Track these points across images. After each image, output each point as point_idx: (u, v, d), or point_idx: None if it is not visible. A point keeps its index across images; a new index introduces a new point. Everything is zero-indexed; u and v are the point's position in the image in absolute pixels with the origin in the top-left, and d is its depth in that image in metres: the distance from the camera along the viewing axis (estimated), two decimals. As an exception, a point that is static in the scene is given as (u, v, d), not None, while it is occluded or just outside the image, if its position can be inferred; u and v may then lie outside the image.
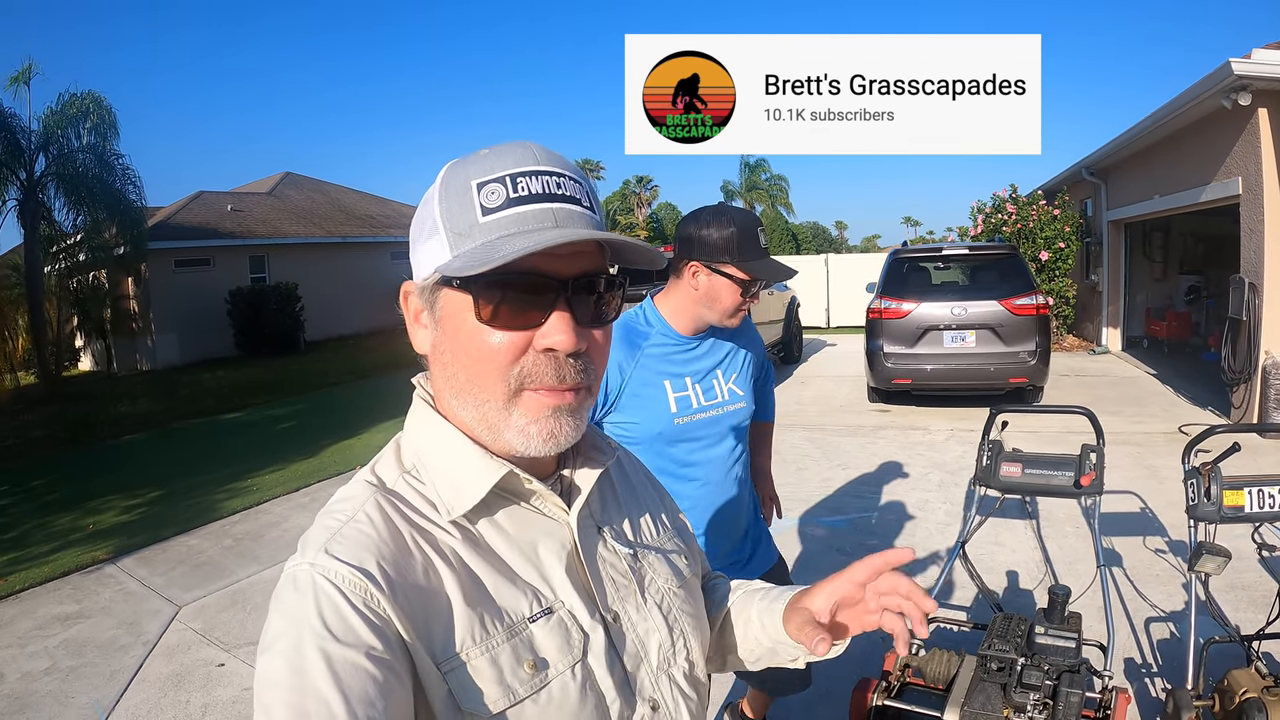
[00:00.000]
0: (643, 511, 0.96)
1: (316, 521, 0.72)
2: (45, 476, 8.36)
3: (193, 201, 21.43)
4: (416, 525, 0.73)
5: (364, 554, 0.67)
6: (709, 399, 1.96)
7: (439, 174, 0.76)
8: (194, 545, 5.58)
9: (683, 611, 0.89)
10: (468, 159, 0.74)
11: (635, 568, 0.86)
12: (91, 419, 11.82)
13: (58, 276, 17.37)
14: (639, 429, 1.91)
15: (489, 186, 0.71)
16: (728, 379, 2.01)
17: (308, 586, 0.65)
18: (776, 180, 50.19)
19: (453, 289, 0.72)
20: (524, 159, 0.72)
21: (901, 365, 8.17)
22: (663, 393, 1.91)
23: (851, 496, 5.59)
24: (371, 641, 0.63)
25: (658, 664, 0.83)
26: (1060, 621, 2.26)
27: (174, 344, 18.89)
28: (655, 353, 1.92)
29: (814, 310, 17.95)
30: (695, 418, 1.94)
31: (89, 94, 15.55)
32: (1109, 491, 4.98)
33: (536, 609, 0.74)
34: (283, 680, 0.60)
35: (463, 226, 0.71)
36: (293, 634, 0.62)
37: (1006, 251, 8.49)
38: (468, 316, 0.71)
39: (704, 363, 1.98)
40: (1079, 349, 12.44)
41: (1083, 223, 13.10)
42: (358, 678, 0.60)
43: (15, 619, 4.51)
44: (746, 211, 1.93)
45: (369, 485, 0.75)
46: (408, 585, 0.68)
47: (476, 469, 0.75)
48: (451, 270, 0.70)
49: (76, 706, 3.48)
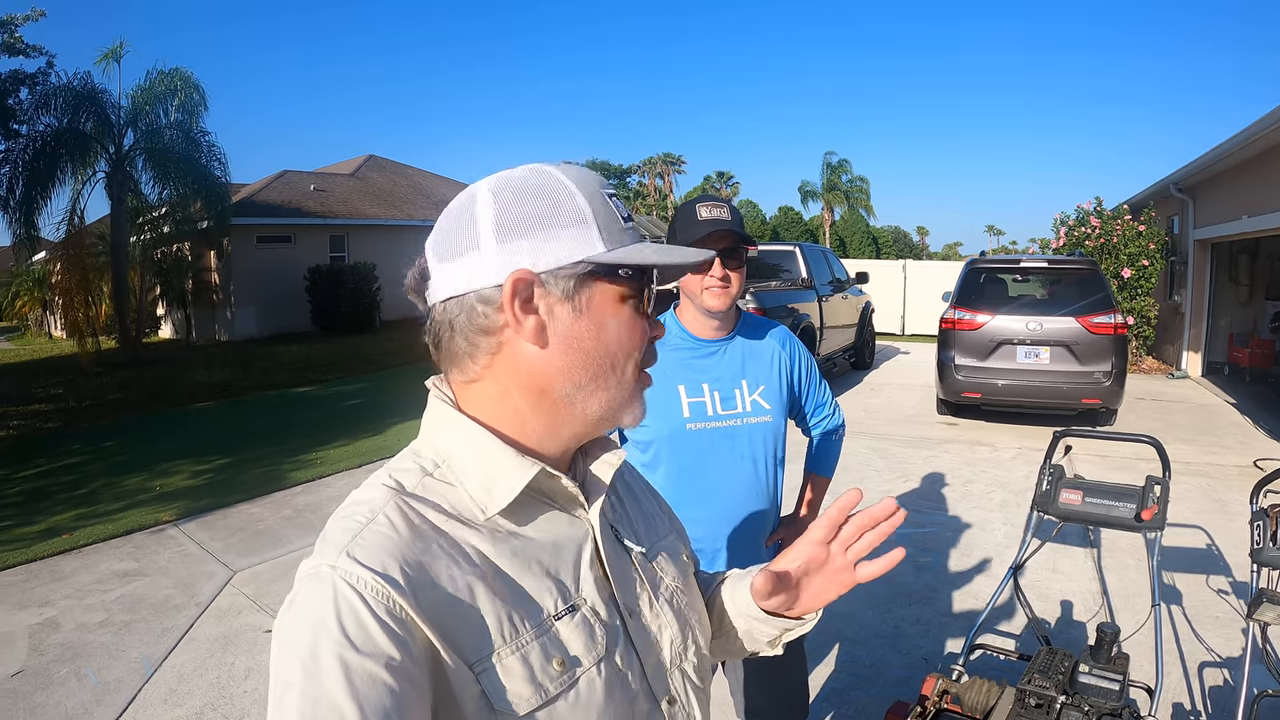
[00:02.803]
0: (644, 511, 0.97)
1: (332, 523, 0.72)
2: (118, 438, 8.71)
3: (277, 180, 22.14)
4: (438, 527, 0.72)
5: (387, 558, 0.66)
6: (727, 408, 1.88)
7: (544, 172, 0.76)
8: (255, 513, 5.76)
9: (690, 607, 0.91)
10: (570, 166, 0.79)
11: (646, 566, 0.88)
12: (167, 385, 12.29)
13: (142, 247, 18.02)
14: (649, 431, 1.87)
15: (614, 200, 0.79)
16: (753, 390, 1.91)
17: (328, 590, 0.64)
18: (857, 181, 49.54)
19: (609, 279, 0.76)
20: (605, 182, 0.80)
21: (972, 378, 7.98)
22: (676, 396, 1.86)
23: (910, 510, 5.46)
24: (391, 652, 0.62)
25: (671, 659, 0.85)
26: (1107, 661, 2.16)
27: (252, 317, 19.54)
28: (671, 356, 1.87)
29: (890, 316, 17.68)
30: (710, 426, 1.87)
31: (177, 71, 16.10)
32: (1174, 524, 4.83)
33: (562, 606, 0.74)
34: (298, 686, 0.60)
35: (613, 227, 0.76)
36: (310, 640, 0.61)
37: (1087, 266, 8.19)
38: (623, 305, 0.77)
39: (726, 368, 1.91)
40: (1157, 372, 11.97)
41: (1168, 240, 12.58)
42: (375, 689, 0.60)
43: (76, 572, 4.72)
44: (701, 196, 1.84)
45: (387, 489, 0.74)
46: (433, 588, 0.67)
47: (508, 467, 0.75)
48: (628, 259, 0.75)
49: (126, 660, 3.61)
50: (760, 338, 1.98)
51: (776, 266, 10.39)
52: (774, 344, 1.99)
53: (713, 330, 1.91)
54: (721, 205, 1.80)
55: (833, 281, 10.87)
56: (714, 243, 1.76)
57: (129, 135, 15.81)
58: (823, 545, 0.88)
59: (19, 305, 25.38)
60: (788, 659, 2.07)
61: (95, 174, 15.64)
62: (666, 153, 52.91)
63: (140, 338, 17.64)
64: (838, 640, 3.60)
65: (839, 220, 50.19)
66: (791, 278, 10.08)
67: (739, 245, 1.80)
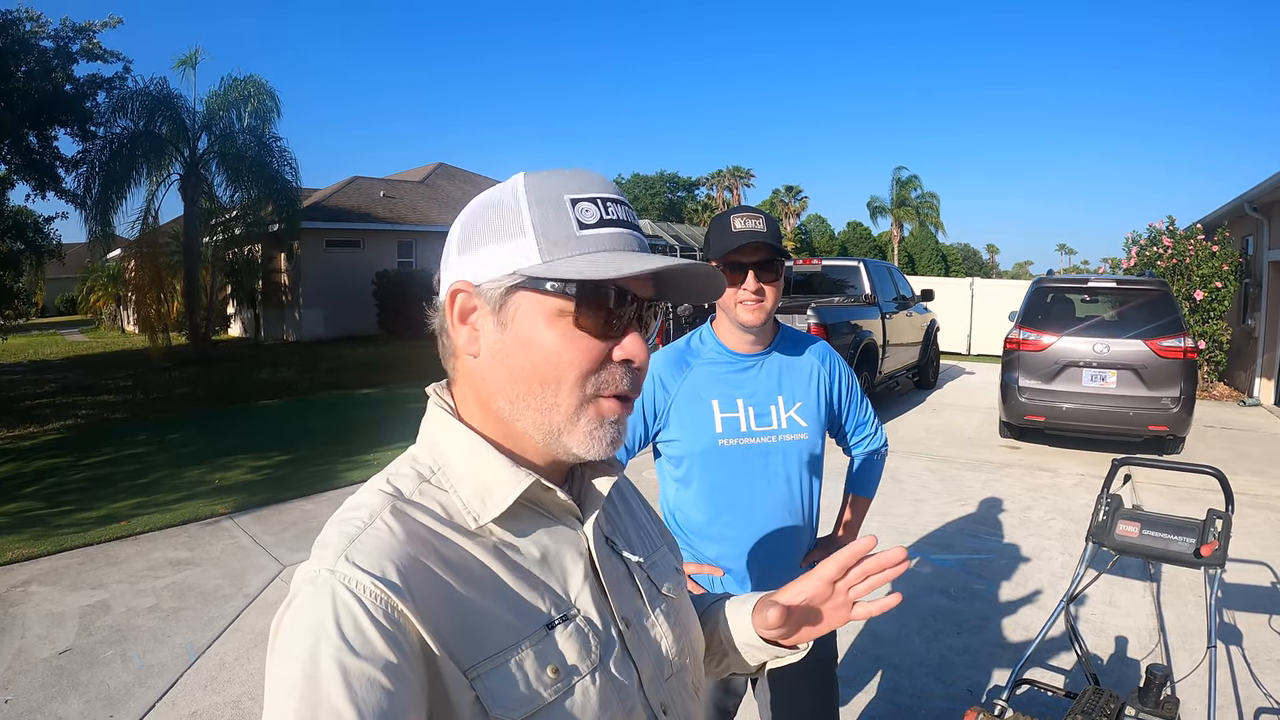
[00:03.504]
0: (639, 523, 0.98)
1: (329, 527, 0.72)
2: (183, 431, 9.01)
3: (347, 186, 22.73)
4: (436, 533, 0.72)
5: (384, 562, 0.66)
6: (761, 424, 1.84)
7: (513, 181, 0.78)
8: (309, 510, 5.88)
9: (684, 619, 0.92)
10: (547, 174, 0.78)
11: (641, 576, 0.88)
12: (234, 382, 12.66)
13: (214, 248, 18.65)
14: (682, 445, 1.84)
15: (582, 205, 0.75)
16: (789, 406, 1.86)
17: (326, 594, 0.64)
18: (927, 197, 48.93)
19: (544, 293, 0.73)
20: (606, 186, 0.78)
21: (1036, 401, 7.78)
22: (709, 411, 1.82)
23: (966, 535, 5.34)
24: (389, 655, 0.62)
25: (666, 669, 0.85)
26: (1155, 705, 2.06)
27: (320, 319, 20.06)
28: (706, 370, 1.85)
29: (955, 336, 17.40)
30: (743, 442, 1.82)
31: (250, 78, 16.61)
32: (1238, 560, 4.64)
33: (557, 615, 0.75)
34: (297, 689, 0.60)
35: (558, 236, 0.74)
36: (309, 643, 0.62)
37: (1157, 288, 7.92)
38: (557, 320, 0.73)
39: (761, 384, 1.86)
40: (1229, 399, 11.50)
41: (1242, 262, 12.10)
42: (374, 692, 0.60)
43: (130, 558, 4.88)
44: (736, 207, 1.81)
45: (384, 494, 0.74)
46: (429, 593, 0.67)
47: (503, 477, 0.76)
48: (566, 274, 0.72)
49: (171, 645, 3.72)
50: (799, 353, 1.93)
51: (840, 282, 10.28)
52: (813, 359, 1.93)
53: (749, 344, 1.86)
54: (758, 217, 1.76)
55: (897, 299, 10.70)
56: (748, 255, 1.73)
57: (203, 139, 16.36)
58: (829, 583, 0.89)
59: (93, 299, 26.43)
60: (821, 683, 2.02)
61: (170, 175, 16.24)
62: (735, 166, 52.95)
63: (210, 335, 18.22)
64: (881, 667, 3.51)
65: (908, 236, 49.59)
66: (855, 294, 9.97)
67: (774, 258, 1.76)
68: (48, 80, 12.03)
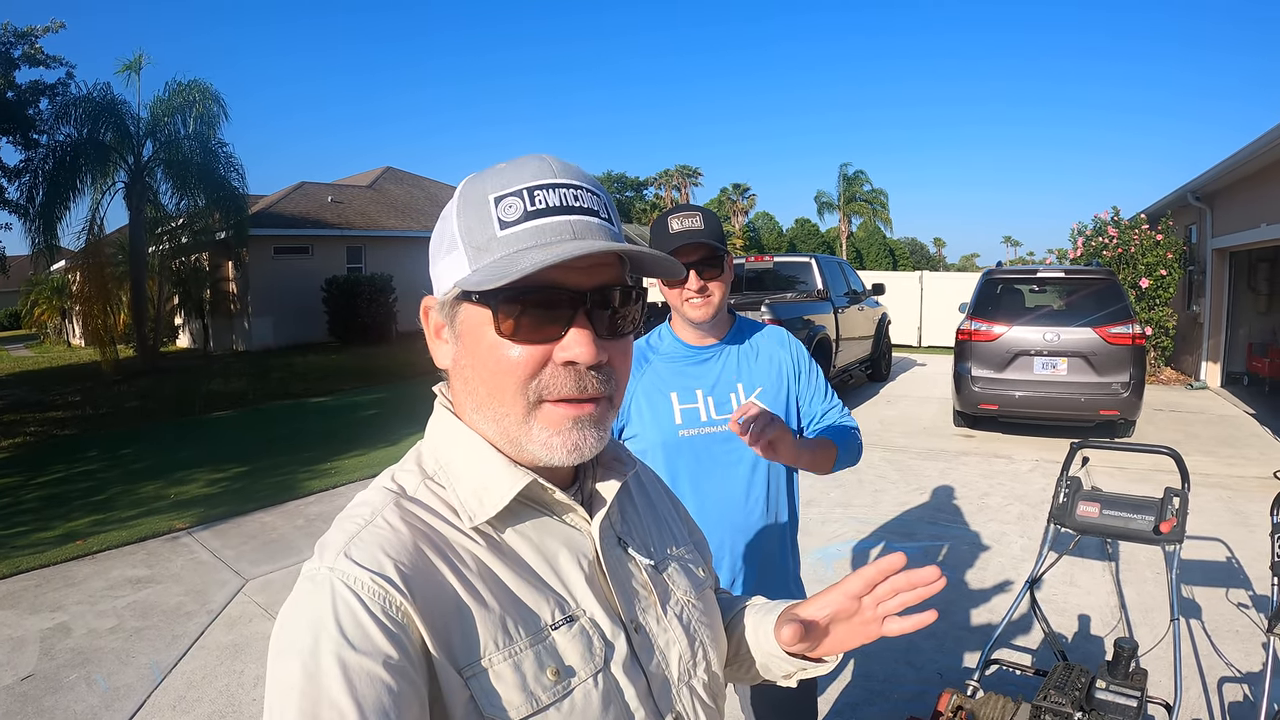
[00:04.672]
0: (661, 522, 0.96)
1: (334, 525, 0.72)
2: (134, 446, 8.77)
3: (294, 191, 22.32)
4: (438, 531, 0.73)
5: (383, 559, 0.67)
6: (722, 413, 1.84)
7: (458, 188, 0.77)
8: (268, 522, 5.78)
9: (701, 623, 0.89)
10: (485, 173, 0.75)
11: (656, 579, 0.86)
12: (184, 394, 12.37)
13: (161, 257, 18.16)
14: (644, 440, 1.86)
15: (506, 200, 0.72)
16: (749, 392, 1.86)
17: (326, 592, 0.65)
18: (875, 193, 49.55)
19: (472, 303, 0.73)
20: (541, 172, 0.73)
21: (989, 390, 7.94)
22: (668, 404, 1.85)
23: (926, 523, 5.43)
24: (388, 650, 0.62)
25: (679, 675, 0.83)
26: (1124, 677, 2.12)
27: (269, 327, 19.67)
28: (664, 365, 1.88)
29: (906, 329, 17.66)
30: (704, 431, 1.83)
31: (195, 83, 16.16)
32: (1193, 537, 4.75)
33: (559, 616, 0.74)
34: (297, 685, 0.60)
35: (481, 240, 0.72)
36: (309, 640, 0.62)
37: (1104, 277, 8.14)
38: (487, 331, 0.72)
39: (718, 373, 1.88)
40: (1176, 383, 11.84)
41: (1186, 250, 12.46)
42: (374, 687, 0.60)
43: (89, 578, 4.75)
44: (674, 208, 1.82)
45: (388, 491, 0.75)
46: (428, 590, 0.68)
47: (500, 477, 0.75)
48: (470, 284, 0.70)
49: (136, 665, 3.63)
50: (757, 340, 1.94)
51: (792, 278, 10.38)
52: (772, 344, 1.95)
53: (704, 338, 1.89)
54: (695, 215, 1.77)
55: (849, 293, 10.84)
56: (688, 254, 1.73)
57: (148, 146, 15.95)
58: (855, 599, 0.85)
59: (37, 313, 25.66)
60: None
61: (114, 184, 15.76)
62: (683, 165, 53.06)
63: (158, 347, 17.78)
64: (851, 654, 3.56)
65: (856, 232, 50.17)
66: (807, 289, 10.08)
67: (715, 254, 1.77)
68: (-13, 87, 11.69)
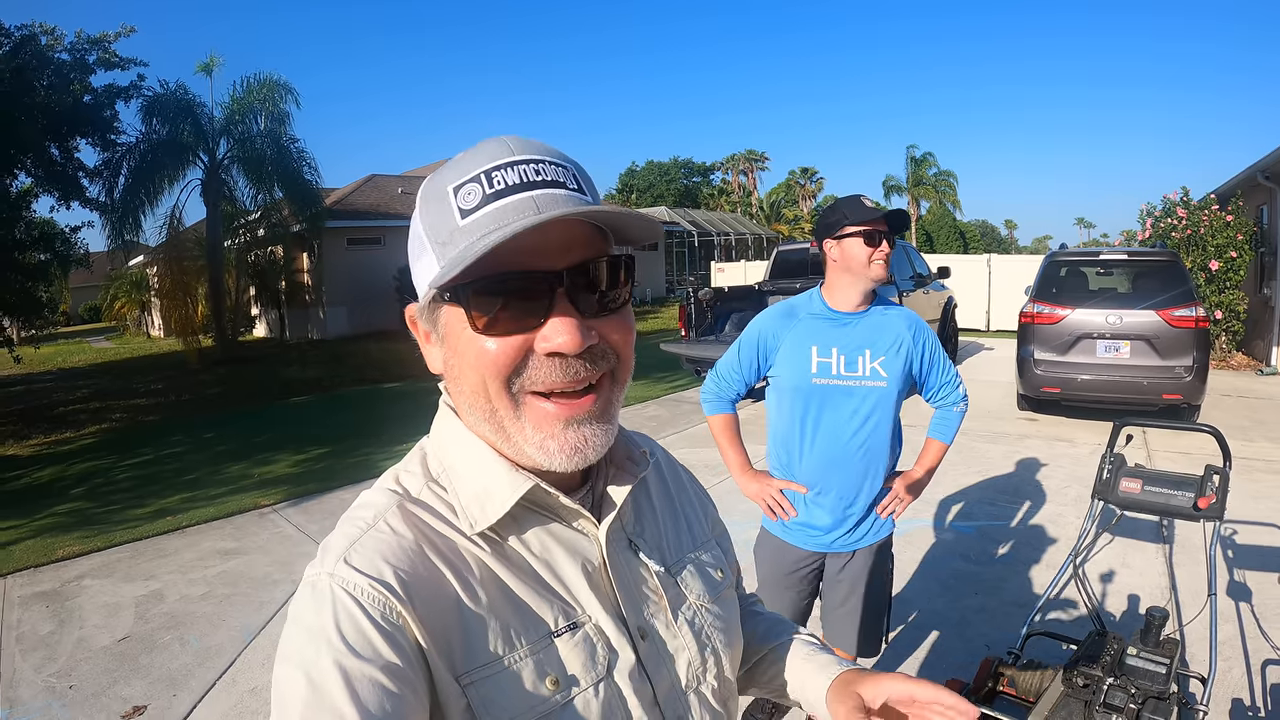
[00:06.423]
0: (679, 520, 0.93)
1: (338, 527, 0.72)
2: (218, 430, 9.25)
3: (365, 184, 23.00)
4: (440, 535, 0.72)
5: (383, 564, 0.66)
6: (849, 371, 2.22)
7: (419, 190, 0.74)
8: (348, 500, 5.82)
9: (715, 627, 0.86)
10: (444, 166, 0.72)
11: (667, 583, 0.83)
12: (264, 381, 12.89)
13: (237, 250, 18.92)
14: (782, 380, 2.29)
15: (465, 188, 0.68)
16: (874, 358, 2.23)
17: (326, 598, 0.65)
18: (944, 175, 48.68)
19: (447, 302, 0.70)
20: (498, 153, 0.69)
21: (1051, 373, 7.87)
22: (808, 354, 2.24)
23: (985, 504, 5.47)
24: (389, 656, 0.63)
25: (687, 682, 0.81)
26: (1155, 645, 2.20)
27: (343, 316, 20.30)
28: (809, 323, 2.27)
29: (974, 312, 17.35)
30: (832, 382, 2.23)
31: (268, 80, 16.73)
32: (1252, 522, 4.75)
33: (562, 624, 0.73)
34: (300, 694, 0.60)
35: (444, 235, 0.68)
36: (311, 647, 0.62)
37: (1168, 259, 7.98)
38: (464, 328, 0.69)
39: (854, 338, 2.24)
40: (1246, 368, 11.49)
41: (1257, 231, 12.06)
42: (375, 693, 0.60)
43: (180, 550, 5.09)
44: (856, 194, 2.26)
45: (392, 493, 0.74)
46: (428, 596, 0.67)
47: (501, 482, 0.73)
48: (437, 282, 0.68)
49: (226, 628, 3.90)
50: (889, 317, 2.29)
51: None
52: (900, 323, 2.28)
53: (849, 305, 2.25)
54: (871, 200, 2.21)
55: (914, 277, 10.74)
56: (880, 225, 2.16)
57: (222, 143, 16.57)
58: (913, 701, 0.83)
59: (118, 306, 26.76)
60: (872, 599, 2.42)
61: (191, 181, 16.45)
62: (750, 149, 52.88)
63: (236, 336, 18.46)
64: (904, 626, 3.67)
65: (925, 215, 49.31)
66: None
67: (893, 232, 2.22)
68: (67, 93, 12.24)
